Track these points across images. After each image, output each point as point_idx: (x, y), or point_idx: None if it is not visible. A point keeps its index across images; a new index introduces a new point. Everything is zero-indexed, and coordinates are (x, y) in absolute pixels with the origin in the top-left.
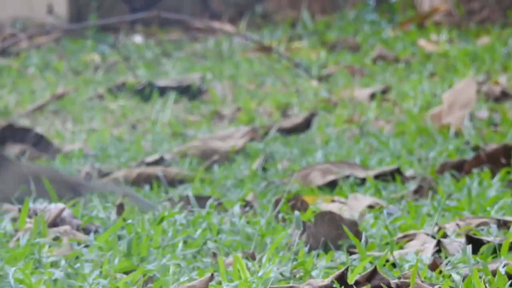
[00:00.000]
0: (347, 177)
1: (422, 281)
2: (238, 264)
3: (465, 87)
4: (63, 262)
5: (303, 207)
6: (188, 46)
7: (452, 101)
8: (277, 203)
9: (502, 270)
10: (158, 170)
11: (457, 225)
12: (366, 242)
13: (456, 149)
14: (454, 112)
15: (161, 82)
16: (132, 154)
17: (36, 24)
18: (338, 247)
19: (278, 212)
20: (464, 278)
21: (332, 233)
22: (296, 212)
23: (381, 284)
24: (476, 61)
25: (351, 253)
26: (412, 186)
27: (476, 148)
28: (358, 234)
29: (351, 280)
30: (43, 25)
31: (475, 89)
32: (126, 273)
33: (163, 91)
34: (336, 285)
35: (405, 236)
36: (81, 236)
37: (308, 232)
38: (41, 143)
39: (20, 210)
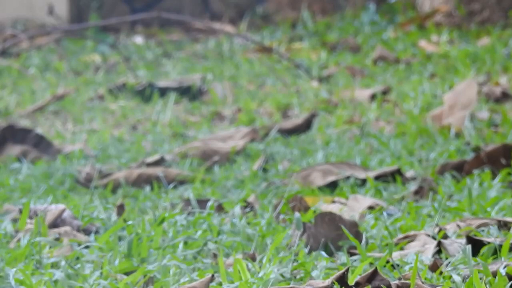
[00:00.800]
0: (348, 178)
1: (422, 282)
2: (239, 265)
3: (466, 88)
4: (63, 263)
5: (304, 208)
6: (189, 46)
7: (453, 102)
8: (277, 204)
9: (502, 271)
10: (158, 171)
11: (458, 226)
12: (367, 243)
13: (457, 149)
14: (454, 113)
15: (162, 83)
16: (132, 155)
17: (37, 24)
18: (338, 248)
19: (279, 213)
20: (464, 279)
21: (332, 234)
22: (297, 213)
23: (382, 285)
24: (477, 62)
25: (351, 254)
26: (412, 187)
27: (476, 149)
28: (358, 235)
29: (351, 281)
30: (44, 26)
31: (476, 90)
32: (127, 274)
33: (163, 91)
34: (336, 286)
35: (405, 237)
36: (81, 237)
37: (308, 233)
38: (41, 144)
39: (20, 211)
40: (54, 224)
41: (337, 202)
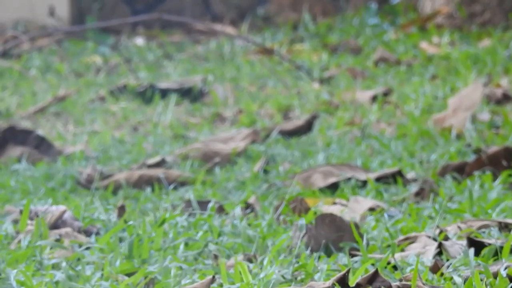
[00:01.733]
0: (349, 179)
1: (423, 284)
2: (240, 267)
3: (471, 91)
4: (64, 264)
5: (304, 209)
6: (190, 48)
7: (457, 105)
8: (278, 205)
9: (503, 273)
10: (159, 172)
11: (459, 227)
12: (368, 244)
13: (458, 151)
14: (457, 115)
15: (163, 84)
16: (133, 156)
17: (38, 26)
18: (339, 250)
19: (280, 215)
20: (465, 281)
21: (333, 236)
22: (301, 219)
23: (383, 287)
24: (478, 63)
25: (352, 256)
26: (413, 188)
27: (477, 151)
28: (359, 237)
29: (352, 282)
30: (45, 27)
31: (481, 92)
32: (128, 275)
33: (164, 93)
34: (337, 287)
35: (406, 239)
36: (82, 238)
37: (309, 234)
38: (42, 145)
39: (21, 212)
40: (55, 225)
41: (338, 204)
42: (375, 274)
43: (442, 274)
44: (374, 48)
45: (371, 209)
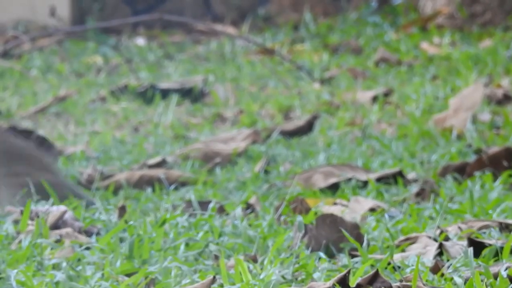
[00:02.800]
0: (349, 179)
1: (424, 284)
2: (240, 267)
3: (472, 92)
4: (64, 264)
5: (305, 209)
6: (191, 48)
7: (458, 106)
8: (279, 205)
9: (504, 273)
10: (160, 173)
11: (459, 228)
12: (368, 245)
13: (458, 152)
14: (458, 115)
15: (164, 85)
16: (134, 157)
17: (39, 26)
18: (340, 250)
19: (280, 215)
20: (466, 281)
21: (333, 236)
22: (299, 217)
23: (383, 287)
24: (479, 64)
25: (353, 256)
26: (414, 189)
27: (478, 151)
28: (359, 237)
29: (353, 283)
30: (46, 28)
31: (482, 93)
32: (128, 275)
33: (165, 93)
34: None
35: (407, 239)
36: (83, 238)
37: (309, 235)
38: (43, 146)
39: (22, 212)
40: (56, 226)
41: (339, 204)
42: (376, 275)
43: (442, 275)
44: (375, 48)
45: (372, 210)
